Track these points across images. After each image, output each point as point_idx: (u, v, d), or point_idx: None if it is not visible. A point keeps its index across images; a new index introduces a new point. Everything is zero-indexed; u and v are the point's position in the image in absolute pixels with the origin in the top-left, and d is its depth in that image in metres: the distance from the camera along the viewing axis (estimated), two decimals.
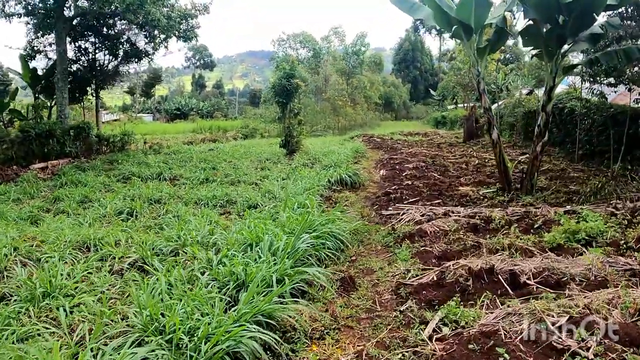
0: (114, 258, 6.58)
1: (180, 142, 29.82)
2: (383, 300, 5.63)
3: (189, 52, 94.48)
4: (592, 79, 13.78)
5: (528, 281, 5.48)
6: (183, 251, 6.78)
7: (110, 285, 5.62)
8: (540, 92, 26.95)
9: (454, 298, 5.03)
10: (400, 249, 7.41)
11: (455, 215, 9.05)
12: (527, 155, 14.34)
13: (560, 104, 19.16)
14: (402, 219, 9.21)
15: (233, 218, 9.69)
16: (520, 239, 7.38)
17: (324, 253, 6.92)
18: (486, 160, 18.82)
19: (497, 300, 5.00)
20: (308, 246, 6.63)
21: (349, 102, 54.81)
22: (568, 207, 9.61)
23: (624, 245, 6.81)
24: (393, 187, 13.28)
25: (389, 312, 5.27)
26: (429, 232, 7.92)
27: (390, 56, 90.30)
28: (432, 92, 62.69)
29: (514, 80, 37.86)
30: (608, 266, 5.78)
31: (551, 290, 5.16)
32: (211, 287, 5.20)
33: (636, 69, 12.94)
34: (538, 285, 5.35)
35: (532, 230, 8.04)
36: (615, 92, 16.93)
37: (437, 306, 5.01)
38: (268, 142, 27.79)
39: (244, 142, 30.14)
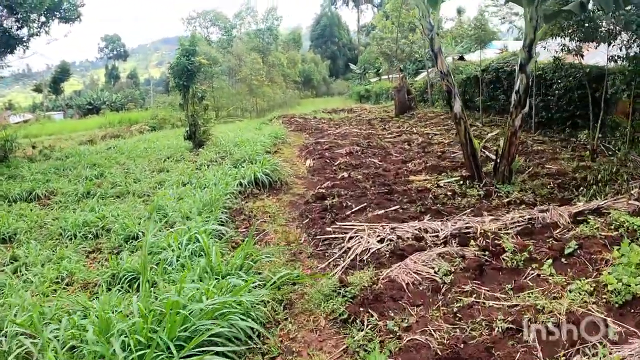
0: None
1: (79, 141, 25.40)
2: None
3: (101, 42, 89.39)
4: (561, 34, 10.95)
5: None
6: None
7: None
8: (474, 57, 24.56)
9: None
10: (362, 334, 3.99)
11: (433, 237, 5.77)
12: (497, 132, 11.46)
13: (508, 66, 16.48)
14: (350, 248, 5.82)
15: (102, 260, 6.67)
16: (572, 292, 4.20)
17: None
18: (430, 137, 15.86)
19: None
20: None
21: (266, 81, 50.92)
22: (581, 205, 6.62)
23: None
24: (326, 184, 9.96)
25: None
26: (405, 288, 4.56)
27: (308, 34, 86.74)
28: (352, 66, 60.00)
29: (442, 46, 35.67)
30: None
31: None
32: None
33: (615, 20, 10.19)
34: None
35: (563, 260, 4.93)
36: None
37: None
38: (176, 133, 23.93)
39: (149, 136, 25.98)
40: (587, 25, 10.37)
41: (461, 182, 9.21)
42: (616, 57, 10.69)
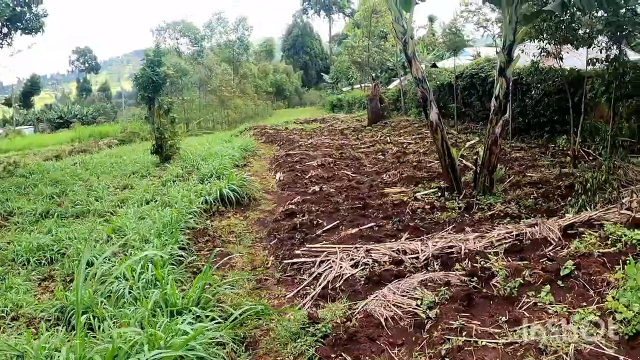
0: None
1: (45, 156, 24.22)
2: None
3: (72, 55, 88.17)
4: (540, 37, 10.54)
5: None
6: None
7: None
8: (447, 64, 24.28)
9: None
10: None
11: (413, 259, 5.15)
12: (475, 140, 11.01)
13: (482, 72, 16.13)
14: (322, 274, 5.17)
15: (55, 289, 5.80)
16: (575, 324, 3.61)
17: None
18: (405, 146, 15.36)
19: None
20: None
21: (238, 92, 50.10)
22: (571, 217, 6.10)
23: None
24: (296, 200, 9.30)
25: None
26: (384, 324, 3.92)
27: (280, 44, 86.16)
28: (324, 75, 59.60)
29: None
30: None
31: None
32: None
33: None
34: None
35: (560, 282, 4.36)
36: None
37: None
38: (144, 147, 22.98)
39: (117, 150, 24.99)
40: (564, 27, 9.98)
41: (439, 194, 8.68)
42: (594, 60, 10.35)
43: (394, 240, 6.07)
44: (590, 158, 11.01)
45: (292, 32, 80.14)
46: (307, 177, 11.61)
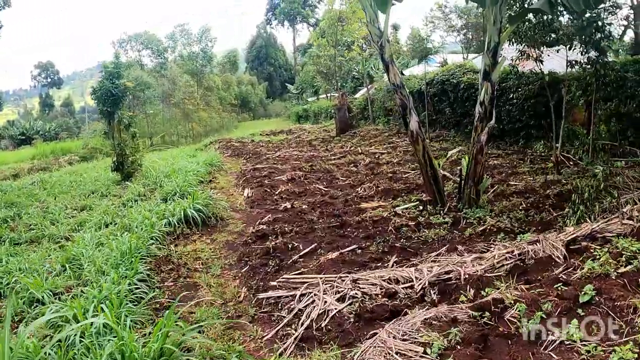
0: None
1: (3, 176, 22.93)
2: None
3: (34, 69, 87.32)
4: (519, 40, 10.12)
5: None
6: None
7: None
8: (415, 71, 23.94)
9: None
10: None
11: (407, 289, 4.49)
12: (457, 149, 10.54)
13: (454, 78, 15.74)
14: (303, 310, 4.45)
15: None
16: None
17: None
18: (377, 157, 14.79)
19: None
20: None
21: (202, 105, 48.98)
22: (571, 230, 5.57)
23: None
24: (267, 219, 8.58)
25: None
26: None
27: (244, 56, 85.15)
28: (289, 86, 59.00)
29: (376, 66, 35.21)
30: None
31: None
32: None
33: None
34: None
35: (580, 311, 3.77)
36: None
37: None
38: (106, 163, 21.71)
39: (77, 167, 23.66)
40: (544, 28, 9.59)
41: (421, 207, 8.08)
42: (574, 62, 10.02)
43: (379, 264, 5.42)
44: (571, 163, 10.65)
45: (256, 42, 79.36)
46: (276, 192, 10.88)
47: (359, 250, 6.02)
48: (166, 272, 6.39)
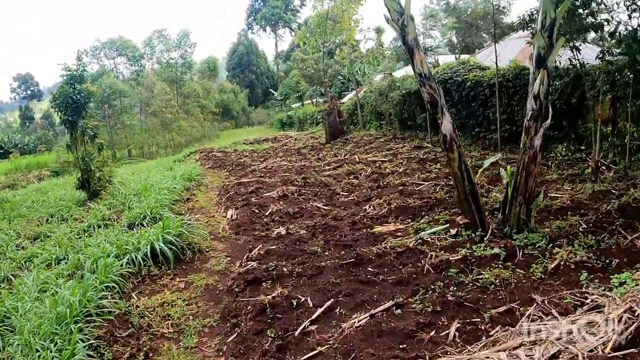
0: None
1: None
2: None
3: (13, 82, 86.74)
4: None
5: None
6: None
7: None
8: (402, 73, 22.34)
9: None
10: None
11: None
12: (496, 157, 8.91)
13: (458, 76, 14.07)
14: None
15: None
16: None
17: None
18: (379, 166, 13.03)
19: None
20: None
21: (182, 113, 46.91)
22: None
23: None
24: (257, 252, 6.80)
25: None
26: None
27: (224, 64, 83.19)
28: (273, 92, 57.26)
29: (362, 69, 33.72)
30: None
31: None
32: None
33: None
34: None
35: None
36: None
37: None
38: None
39: (46, 184, 21.62)
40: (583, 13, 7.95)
41: (454, 232, 6.34)
42: (605, 51, 8.43)
43: (433, 332, 3.64)
44: (603, 168, 9.07)
45: (237, 49, 77.52)
46: (266, 213, 9.07)
47: (397, 310, 4.21)
48: (121, 343, 4.58)
